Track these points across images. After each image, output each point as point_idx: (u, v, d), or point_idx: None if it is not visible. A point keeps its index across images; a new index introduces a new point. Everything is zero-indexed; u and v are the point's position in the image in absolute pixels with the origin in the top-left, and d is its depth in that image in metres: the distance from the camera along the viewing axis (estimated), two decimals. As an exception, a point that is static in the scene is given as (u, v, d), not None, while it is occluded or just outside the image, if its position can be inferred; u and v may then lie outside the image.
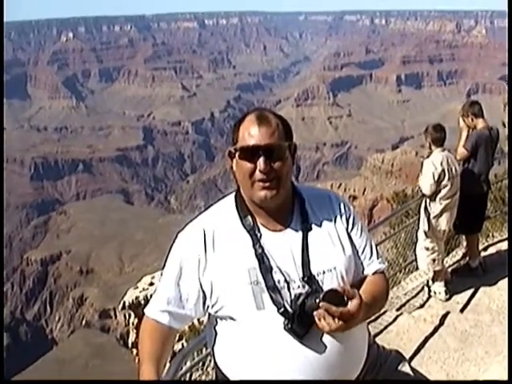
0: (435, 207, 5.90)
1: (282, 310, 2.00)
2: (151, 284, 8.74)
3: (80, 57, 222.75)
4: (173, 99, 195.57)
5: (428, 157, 6.00)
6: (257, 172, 2.00)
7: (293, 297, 2.01)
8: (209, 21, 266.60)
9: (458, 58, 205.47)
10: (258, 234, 2.08)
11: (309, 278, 2.04)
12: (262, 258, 2.03)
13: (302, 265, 2.05)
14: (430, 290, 6.29)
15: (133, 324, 8.87)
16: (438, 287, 6.16)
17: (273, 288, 2.02)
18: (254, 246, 2.05)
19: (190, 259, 2.10)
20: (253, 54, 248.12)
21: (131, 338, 9.12)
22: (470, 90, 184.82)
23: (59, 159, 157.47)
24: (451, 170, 5.80)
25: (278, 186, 2.02)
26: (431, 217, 5.95)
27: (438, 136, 5.85)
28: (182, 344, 6.49)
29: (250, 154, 2.01)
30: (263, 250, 2.05)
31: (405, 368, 2.40)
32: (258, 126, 2.02)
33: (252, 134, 2.02)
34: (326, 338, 2.04)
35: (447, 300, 6.09)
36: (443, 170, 5.75)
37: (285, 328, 1.99)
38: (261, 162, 1.99)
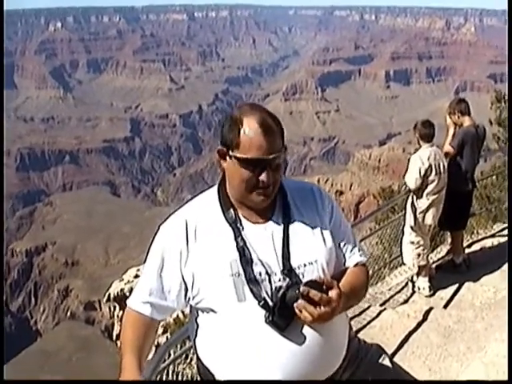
0: (422, 202, 5.92)
1: (263, 302, 1.99)
2: (136, 276, 8.73)
3: (68, 47, 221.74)
4: (161, 91, 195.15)
5: (415, 152, 6.03)
6: (260, 183, 1.99)
7: (273, 289, 2.01)
8: (198, 13, 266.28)
9: (447, 56, 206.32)
10: (240, 227, 2.07)
11: (289, 270, 2.03)
12: (243, 251, 2.02)
13: (283, 257, 2.04)
14: (414, 286, 6.31)
15: (118, 316, 8.87)
16: (422, 283, 6.18)
17: (253, 280, 2.01)
18: (235, 238, 2.04)
19: (172, 250, 2.08)
20: (242, 47, 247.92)
21: (116, 330, 9.13)
22: (458, 87, 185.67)
23: (46, 150, 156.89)
24: (438, 165, 5.81)
25: (273, 192, 2.04)
26: (417, 212, 5.97)
27: (426, 132, 5.87)
28: (167, 337, 6.49)
29: (253, 164, 1.97)
30: (245, 242, 2.03)
31: (385, 361, 2.40)
32: (263, 136, 1.95)
33: (257, 145, 1.96)
34: (307, 330, 2.03)
35: (431, 296, 6.11)
36: (430, 166, 5.76)
37: (266, 321, 1.98)
38: (265, 175, 1.97)
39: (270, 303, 1.99)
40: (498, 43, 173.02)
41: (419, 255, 6.07)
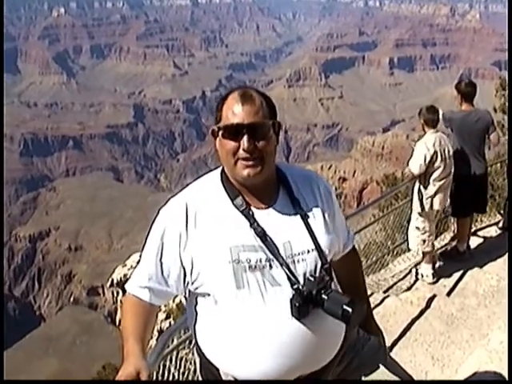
0: (428, 188, 5.91)
1: (296, 286, 2.00)
2: (139, 262, 8.77)
3: (71, 33, 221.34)
4: (164, 77, 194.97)
5: (419, 139, 6.02)
6: (240, 151, 1.97)
7: (316, 279, 2.02)
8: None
9: (452, 43, 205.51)
10: (250, 213, 2.04)
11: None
12: (264, 235, 2.01)
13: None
14: (417, 273, 6.31)
15: (121, 301, 8.88)
16: (426, 270, 6.18)
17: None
18: (251, 225, 2.01)
19: (172, 234, 2.05)
20: (245, 33, 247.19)
21: (119, 315, 9.15)
22: (462, 74, 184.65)
23: (49, 135, 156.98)
24: (444, 151, 5.79)
25: (261, 164, 1.98)
26: (424, 198, 5.96)
27: (431, 117, 5.86)
28: (170, 322, 6.51)
29: (233, 132, 1.97)
30: (262, 228, 2.02)
31: (381, 356, 2.44)
32: (241, 104, 1.98)
33: (235, 112, 1.98)
34: (307, 320, 2.04)
35: (434, 283, 6.12)
36: (435, 152, 5.74)
37: (293, 303, 2.00)
38: (244, 140, 1.95)
39: (304, 290, 2.00)
40: (503, 30, 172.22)
41: (424, 241, 6.07)
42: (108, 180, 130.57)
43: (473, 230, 7.39)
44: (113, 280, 8.87)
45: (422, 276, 6.22)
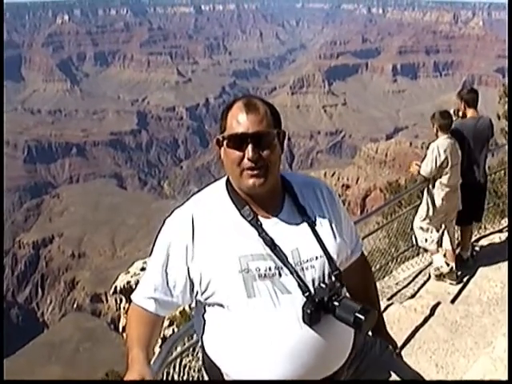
0: (437, 193, 5.93)
1: (308, 293, 2.01)
2: (143, 269, 8.72)
3: (75, 40, 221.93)
4: (168, 84, 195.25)
5: (428, 144, 6.04)
6: (245, 160, 1.98)
7: (324, 285, 2.04)
8: (205, 6, 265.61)
9: (455, 50, 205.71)
10: (259, 223, 2.04)
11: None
12: (273, 245, 2.02)
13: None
14: (431, 264, 6.29)
15: (124, 308, 8.86)
16: (438, 261, 6.15)
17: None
18: (259, 234, 2.02)
19: (178, 246, 2.06)
20: (249, 40, 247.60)
21: (122, 323, 9.12)
22: (465, 81, 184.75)
23: (53, 142, 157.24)
24: (454, 157, 5.83)
25: (266, 174, 1.99)
26: (434, 201, 5.98)
27: (445, 122, 5.88)
28: (173, 329, 6.50)
29: (238, 142, 1.98)
30: (271, 238, 2.03)
31: (387, 356, 2.48)
32: (246, 113, 1.99)
33: (240, 121, 1.99)
34: (316, 326, 2.04)
35: (450, 272, 6.09)
36: (446, 158, 5.78)
37: (305, 310, 2.00)
38: (249, 149, 1.96)
39: (316, 297, 2.01)
40: (507, 37, 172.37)
41: (426, 240, 6.08)
42: (111, 187, 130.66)
43: (476, 237, 7.38)
44: (116, 287, 8.83)
45: (438, 269, 6.17)
